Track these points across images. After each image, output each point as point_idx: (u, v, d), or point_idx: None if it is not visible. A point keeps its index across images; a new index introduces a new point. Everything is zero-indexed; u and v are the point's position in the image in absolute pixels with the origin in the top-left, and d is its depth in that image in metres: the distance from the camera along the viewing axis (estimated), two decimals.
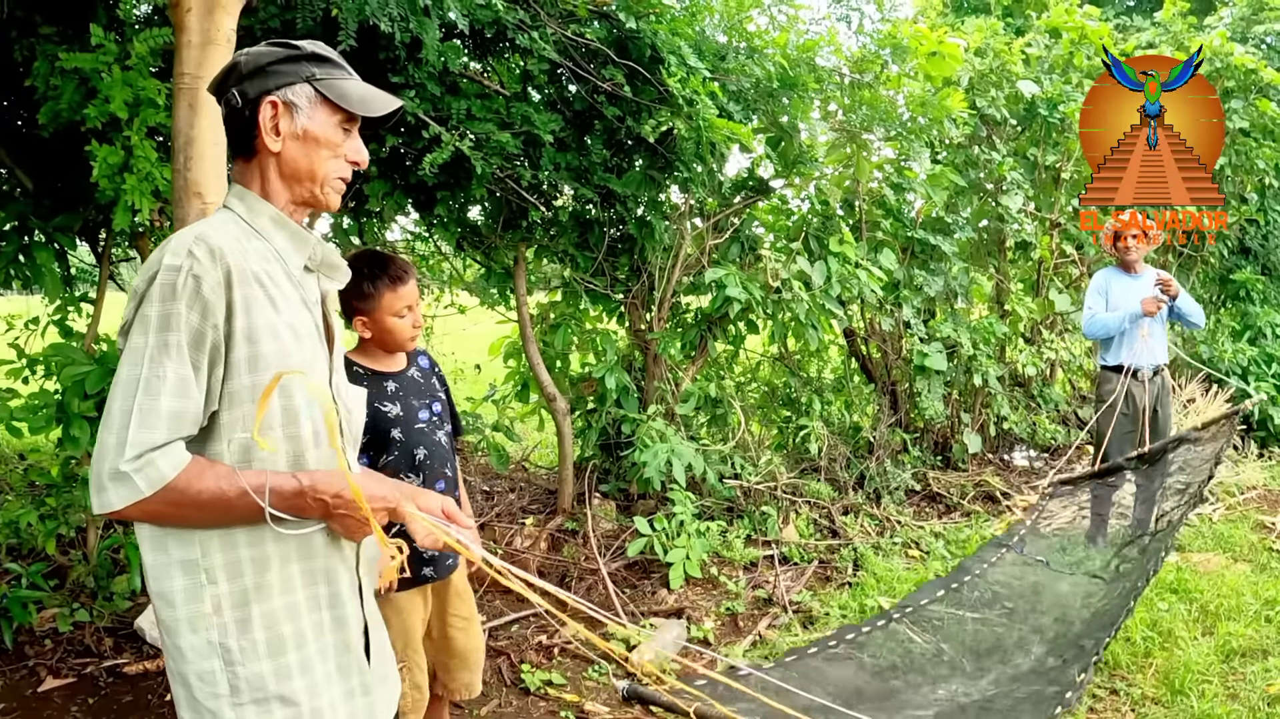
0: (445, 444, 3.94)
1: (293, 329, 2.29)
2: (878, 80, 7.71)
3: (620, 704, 5.40)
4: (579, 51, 6.20)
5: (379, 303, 3.69)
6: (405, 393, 3.85)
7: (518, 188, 6.39)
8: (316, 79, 2.35)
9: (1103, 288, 7.72)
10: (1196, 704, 5.34)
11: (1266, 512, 9.43)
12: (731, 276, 7.11)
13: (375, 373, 3.81)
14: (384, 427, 3.75)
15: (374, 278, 3.67)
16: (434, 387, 4.02)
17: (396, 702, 2.70)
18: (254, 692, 2.24)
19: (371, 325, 3.74)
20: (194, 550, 2.21)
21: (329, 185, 2.40)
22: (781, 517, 7.89)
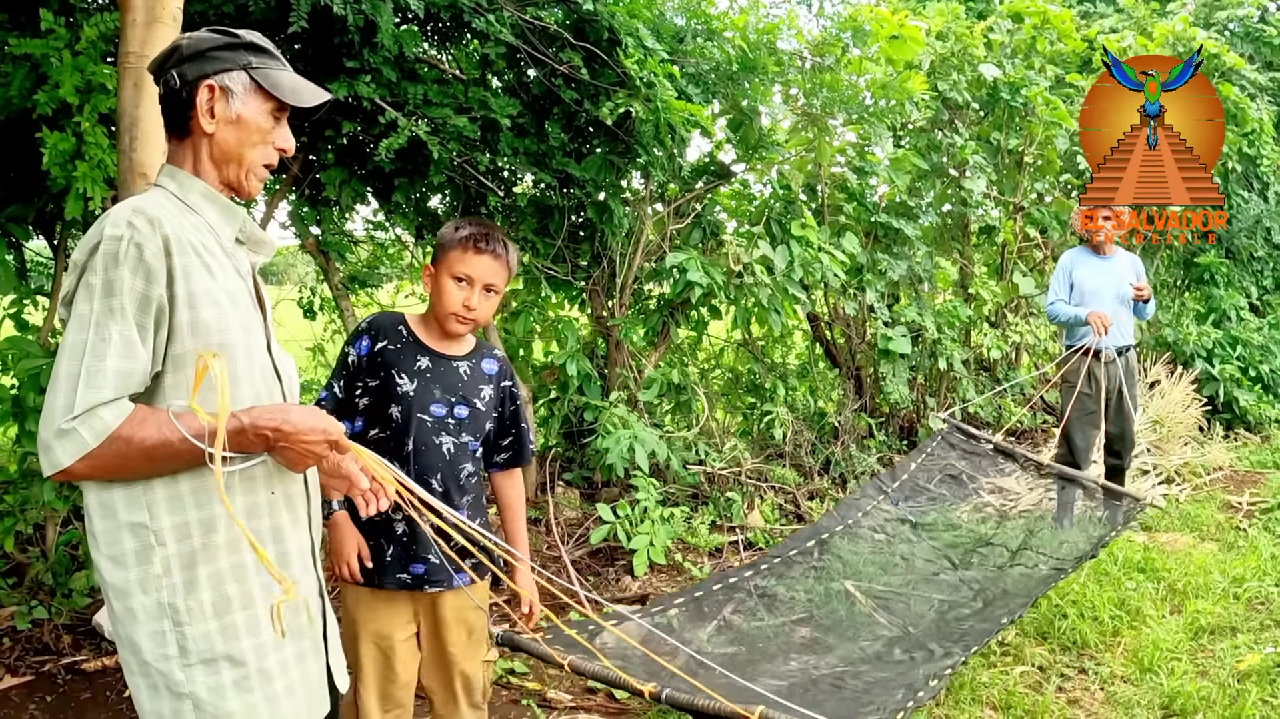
0: (448, 453, 3.46)
1: (230, 296, 2.34)
2: (839, 64, 7.68)
3: (582, 691, 5.38)
4: (537, 35, 6.15)
5: (447, 256, 3.39)
6: (432, 377, 3.44)
7: (476, 174, 6.34)
8: (253, 67, 2.43)
9: (1068, 269, 7.81)
10: (1166, 682, 5.36)
11: (1233, 491, 9.49)
12: (693, 261, 7.07)
13: (416, 341, 3.46)
14: (387, 397, 3.40)
15: (459, 230, 3.42)
16: (477, 392, 3.52)
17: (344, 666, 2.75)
18: (202, 652, 2.28)
19: (433, 281, 3.44)
20: (142, 514, 2.24)
21: (254, 171, 2.47)
22: (746, 502, 7.86)
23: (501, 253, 3.43)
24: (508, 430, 3.70)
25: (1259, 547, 7.58)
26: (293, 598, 2.34)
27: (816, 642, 4.97)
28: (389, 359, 3.40)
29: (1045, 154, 10.55)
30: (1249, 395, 12.18)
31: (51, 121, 4.96)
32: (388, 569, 3.46)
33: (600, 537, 6.81)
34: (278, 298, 7.99)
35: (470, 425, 3.51)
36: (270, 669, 2.38)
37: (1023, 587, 5.67)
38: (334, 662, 2.64)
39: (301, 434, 2.29)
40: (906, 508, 6.42)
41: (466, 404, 3.49)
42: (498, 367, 3.63)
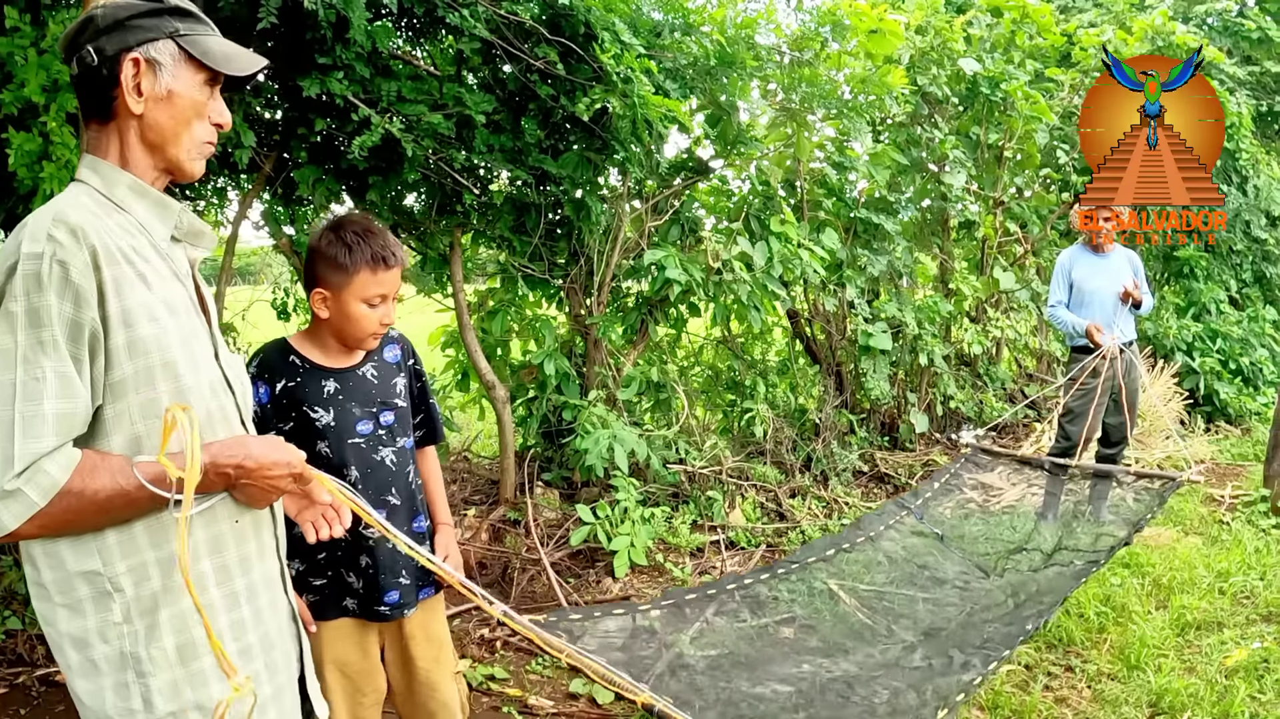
0: (392, 464, 3.30)
1: (168, 306, 2.14)
2: (817, 58, 7.62)
3: (564, 697, 5.32)
4: (512, 30, 6.07)
5: (351, 281, 3.09)
6: (345, 397, 3.23)
7: (450, 170, 6.26)
8: (180, 35, 2.19)
9: (1066, 268, 7.87)
10: (1153, 679, 5.35)
11: (1215, 485, 9.48)
12: (671, 258, 7.01)
13: (313, 366, 3.21)
14: (309, 436, 3.18)
15: (354, 249, 3.09)
16: (392, 389, 3.35)
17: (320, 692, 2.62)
18: (169, 703, 2.12)
19: (332, 305, 3.13)
20: (93, 561, 2.06)
21: (195, 150, 2.25)
22: (727, 501, 7.80)
23: (400, 257, 3.21)
24: (418, 409, 3.54)
25: (1242, 540, 7.58)
26: (240, 694, 2.04)
27: (832, 646, 4.88)
28: (295, 397, 3.18)
29: (1025, 148, 10.53)
30: (1229, 388, 12.20)
31: (17, 121, 4.84)
32: (360, 601, 3.30)
33: (580, 538, 6.73)
34: (250, 298, 7.90)
35: (400, 428, 3.36)
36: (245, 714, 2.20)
37: (1055, 585, 5.61)
38: (311, 688, 2.50)
39: (264, 470, 2.16)
40: (930, 523, 6.36)
41: (389, 408, 3.33)
42: (399, 350, 3.45)
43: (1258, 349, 13.04)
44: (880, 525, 6.15)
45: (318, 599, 3.28)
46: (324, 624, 3.30)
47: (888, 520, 6.22)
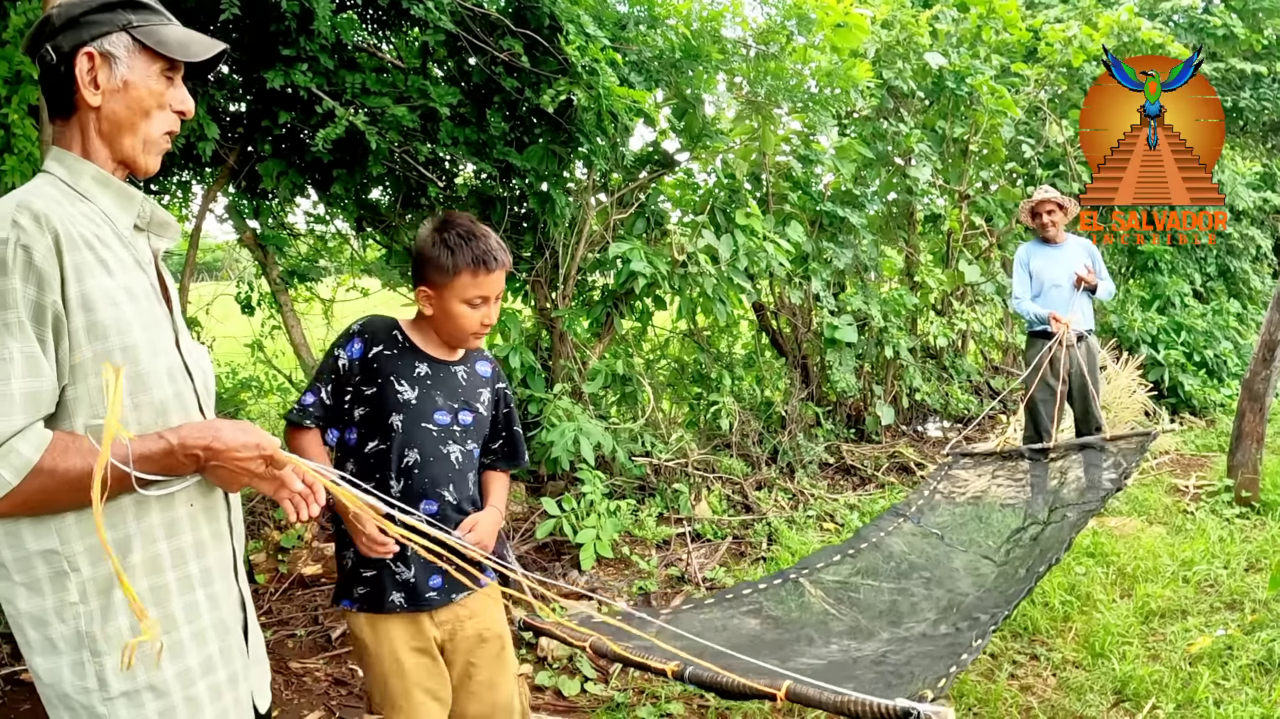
0: (456, 461, 3.26)
1: (129, 292, 2.16)
2: (783, 52, 7.62)
3: (531, 689, 5.30)
4: (477, 22, 6.06)
5: (452, 282, 3.14)
6: (433, 384, 3.25)
7: (415, 163, 6.24)
8: (134, 26, 2.22)
9: (1025, 262, 8.04)
10: (1118, 666, 5.36)
11: (1180, 475, 9.55)
12: (636, 251, 7.00)
13: (413, 347, 3.26)
14: (387, 406, 3.19)
15: (456, 250, 3.13)
16: (477, 396, 3.36)
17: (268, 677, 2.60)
18: (122, 683, 2.13)
19: (435, 303, 3.19)
20: (52, 539, 2.08)
21: (153, 142, 2.28)
22: (694, 493, 7.81)
23: (503, 260, 3.21)
24: (499, 433, 3.52)
25: (1206, 529, 7.62)
26: (149, 637, 2.06)
27: (858, 628, 4.88)
28: (385, 365, 3.20)
29: (991, 143, 10.56)
30: (1194, 380, 12.28)
31: None
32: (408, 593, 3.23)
33: (546, 531, 6.71)
34: (215, 292, 7.87)
35: (475, 431, 3.35)
36: (199, 696, 2.24)
37: (1056, 539, 5.64)
38: (255, 681, 2.48)
39: (234, 452, 2.16)
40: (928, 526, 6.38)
41: (469, 410, 3.33)
42: (490, 369, 3.48)
43: (1222, 342, 13.13)
44: (880, 533, 6.14)
45: (369, 591, 3.25)
46: (378, 618, 3.25)
47: (886, 528, 6.22)
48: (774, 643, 4.55)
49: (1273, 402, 8.82)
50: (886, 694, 3.11)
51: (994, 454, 7.24)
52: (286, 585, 6.33)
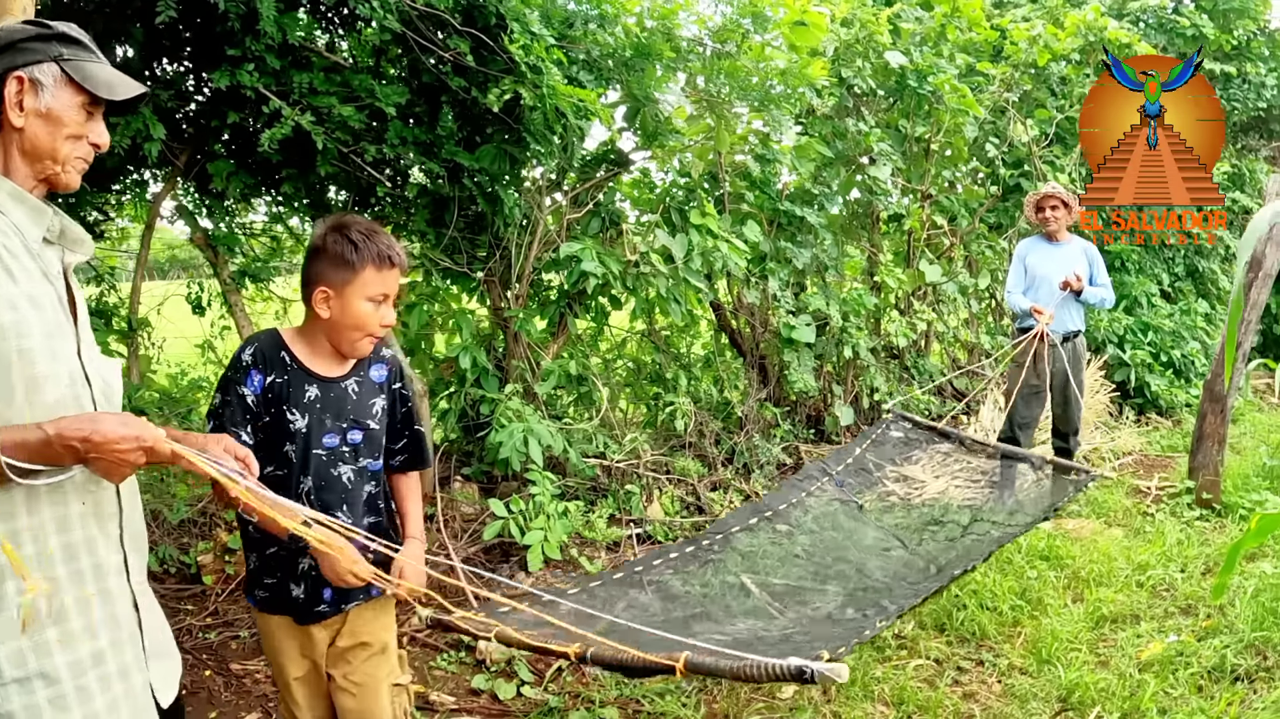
0: (348, 481, 3.28)
1: (31, 299, 2.27)
2: (739, 50, 7.57)
3: (466, 693, 5.26)
4: (425, 21, 5.99)
5: (356, 278, 3.11)
6: (322, 407, 3.21)
7: (363, 163, 6.18)
8: (64, 59, 2.38)
9: (1022, 256, 8.18)
10: (1064, 673, 5.33)
11: (1142, 476, 9.54)
12: (587, 251, 6.96)
13: (301, 368, 3.20)
14: (281, 436, 3.19)
15: (359, 246, 3.10)
16: (368, 409, 3.32)
17: (178, 676, 2.68)
18: (15, 669, 2.21)
19: (335, 304, 3.13)
20: None
21: (70, 165, 2.43)
22: (645, 495, 7.76)
23: (402, 259, 3.22)
24: (400, 434, 3.50)
25: (1165, 532, 7.62)
26: (33, 591, 2.19)
27: (766, 607, 4.89)
28: (279, 394, 3.17)
29: (954, 142, 10.52)
30: (1161, 380, 12.29)
31: None
32: (300, 611, 3.29)
33: (492, 533, 6.65)
34: (166, 292, 7.80)
35: (366, 448, 3.33)
36: (89, 686, 2.31)
37: (975, 550, 5.63)
38: (155, 675, 2.55)
39: (112, 443, 2.20)
40: (850, 491, 6.37)
41: (359, 427, 3.30)
42: (387, 371, 3.42)
43: (1189, 342, 13.16)
44: (801, 493, 6.17)
45: (268, 596, 3.31)
46: (273, 619, 3.34)
47: (809, 487, 6.23)
48: (681, 620, 4.60)
49: (1236, 402, 8.82)
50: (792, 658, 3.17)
51: (934, 429, 7.23)
52: (233, 587, 6.27)
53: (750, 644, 4.25)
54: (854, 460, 6.72)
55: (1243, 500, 8.33)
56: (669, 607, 4.78)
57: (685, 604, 4.84)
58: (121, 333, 6.70)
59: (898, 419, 7.24)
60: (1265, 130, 15.65)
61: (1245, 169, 15.52)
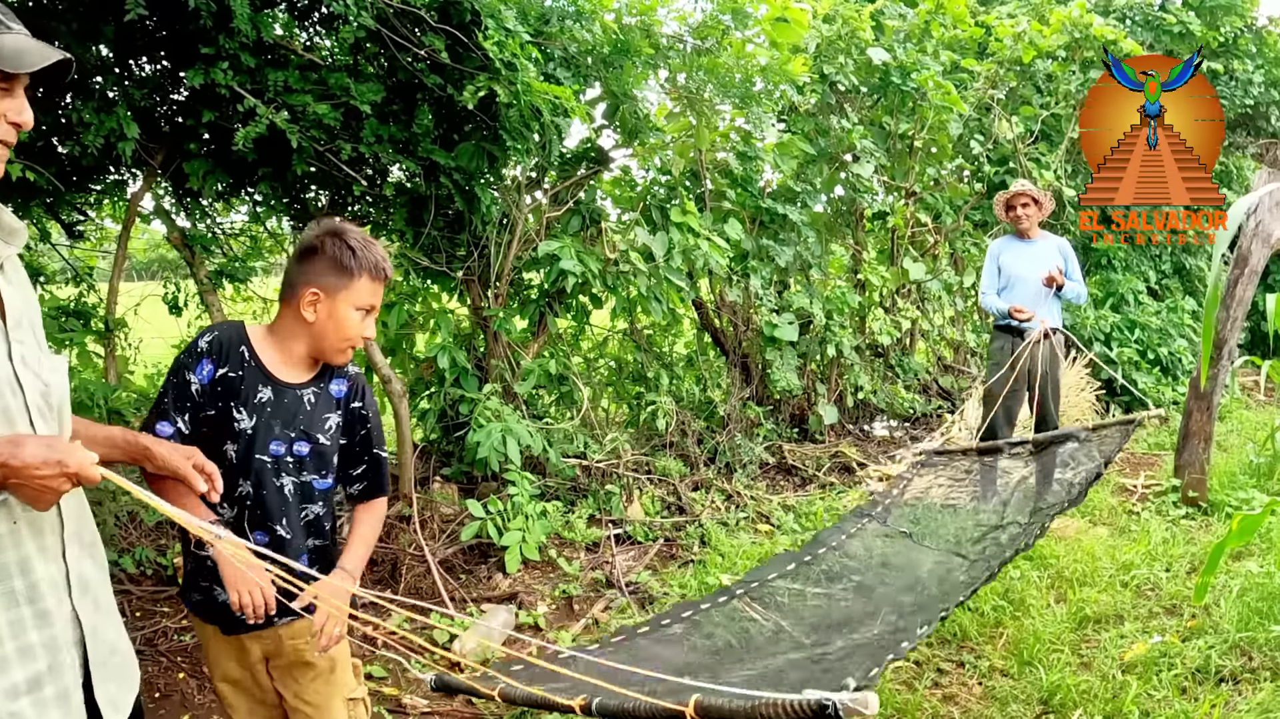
0: (289, 494, 3.16)
1: None
2: (720, 47, 7.52)
3: (439, 696, 5.21)
4: (401, 18, 5.94)
5: (351, 285, 3.03)
6: (273, 412, 3.10)
7: (338, 161, 6.12)
8: None
9: (996, 256, 8.08)
10: (1046, 675, 5.27)
11: (1128, 474, 9.52)
12: (566, 249, 6.91)
13: (258, 368, 3.09)
14: (223, 434, 3.06)
15: (359, 254, 3.04)
16: (320, 423, 3.21)
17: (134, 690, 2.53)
18: None
19: (324, 308, 3.05)
20: None
21: None
22: (625, 495, 7.71)
23: (391, 270, 3.18)
24: (359, 458, 3.36)
25: (1150, 531, 7.57)
26: None
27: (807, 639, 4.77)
28: (228, 389, 3.04)
29: (938, 139, 10.49)
30: (1148, 378, 12.27)
31: None
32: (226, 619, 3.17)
33: (470, 534, 6.61)
34: (143, 293, 7.73)
35: (312, 463, 3.20)
36: (23, 712, 2.16)
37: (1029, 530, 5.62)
38: (104, 696, 2.39)
39: (32, 469, 2.04)
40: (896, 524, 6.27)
41: (307, 439, 3.17)
42: (347, 387, 3.28)
43: (1176, 339, 13.14)
44: (842, 535, 5.99)
45: (201, 600, 3.19)
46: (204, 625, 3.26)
47: (849, 530, 6.07)
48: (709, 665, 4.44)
49: (1223, 400, 8.79)
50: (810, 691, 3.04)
51: (970, 450, 7.15)
52: None
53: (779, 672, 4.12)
54: (893, 500, 6.63)
55: (1229, 498, 8.30)
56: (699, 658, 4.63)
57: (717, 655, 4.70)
58: (99, 333, 6.64)
59: (930, 458, 7.18)
60: (1252, 127, 15.62)
61: (1233, 166, 15.54)
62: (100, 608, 2.41)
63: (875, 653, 4.03)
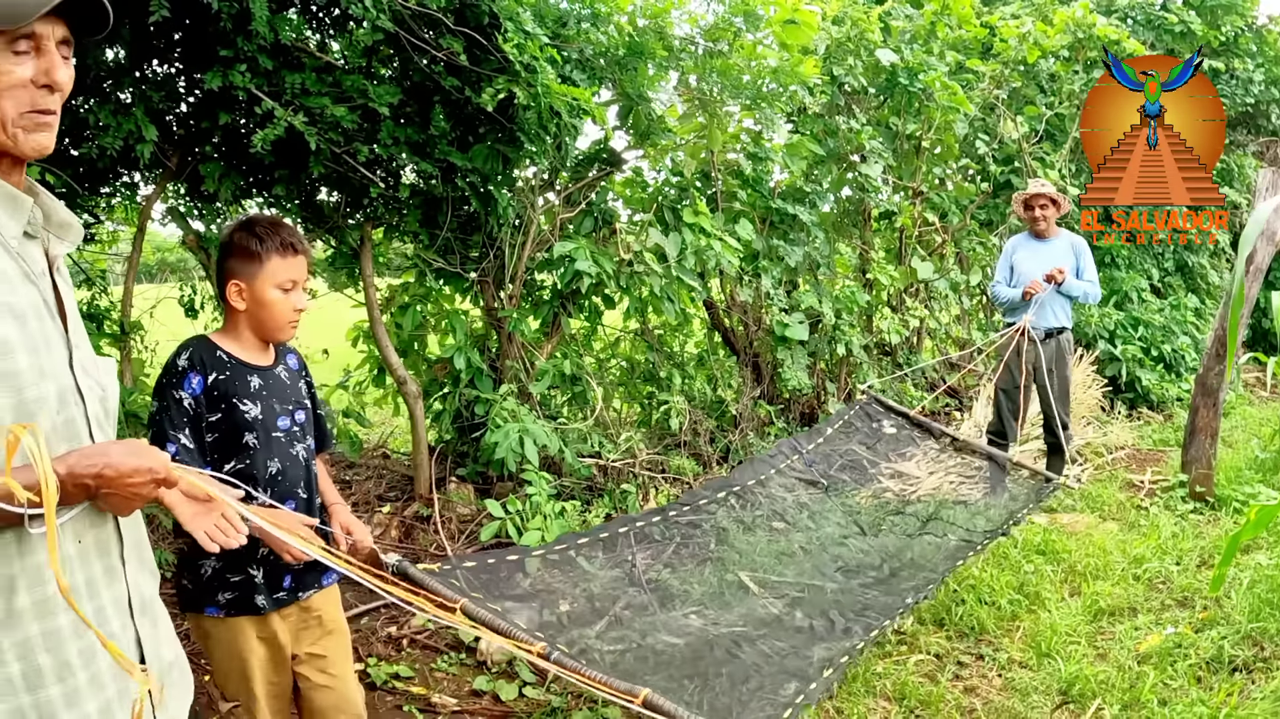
0: (303, 460, 3.44)
1: (12, 312, 1.97)
2: (731, 48, 7.57)
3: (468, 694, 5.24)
4: (418, 21, 5.98)
5: (263, 268, 3.21)
6: (269, 393, 3.32)
7: (355, 163, 6.16)
8: None
9: (1009, 254, 8.22)
10: (1064, 666, 5.34)
11: (1135, 470, 9.59)
12: (581, 250, 6.96)
13: (239, 362, 3.26)
14: (238, 428, 3.23)
15: (264, 239, 3.22)
16: (300, 391, 3.49)
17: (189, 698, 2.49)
18: None
19: (248, 295, 3.23)
20: None
21: (20, 124, 1.99)
22: (641, 494, 7.74)
23: (305, 246, 3.37)
24: (317, 418, 3.67)
25: (1159, 525, 7.64)
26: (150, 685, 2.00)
27: (716, 597, 4.89)
28: (225, 389, 3.23)
29: (944, 139, 10.54)
30: (1151, 375, 12.33)
31: None
32: (260, 591, 3.33)
33: (490, 534, 6.64)
34: (159, 295, 7.75)
35: (306, 427, 3.50)
36: None
37: (930, 558, 5.67)
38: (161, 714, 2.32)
39: (125, 478, 2.00)
40: (818, 471, 6.38)
41: (301, 407, 3.48)
42: (298, 360, 3.60)
43: (1179, 337, 13.21)
44: (770, 469, 6.26)
45: (235, 596, 3.32)
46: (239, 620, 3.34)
47: (779, 464, 6.28)
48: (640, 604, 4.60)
49: (1227, 396, 8.85)
50: None
51: (905, 415, 7.29)
52: None
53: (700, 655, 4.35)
54: (824, 441, 6.73)
55: (1236, 493, 8.36)
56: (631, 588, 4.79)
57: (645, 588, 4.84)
58: (114, 336, 6.66)
59: (871, 401, 7.28)
60: (1253, 125, 15.71)
61: (1234, 164, 15.61)
62: (157, 624, 2.37)
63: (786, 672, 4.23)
